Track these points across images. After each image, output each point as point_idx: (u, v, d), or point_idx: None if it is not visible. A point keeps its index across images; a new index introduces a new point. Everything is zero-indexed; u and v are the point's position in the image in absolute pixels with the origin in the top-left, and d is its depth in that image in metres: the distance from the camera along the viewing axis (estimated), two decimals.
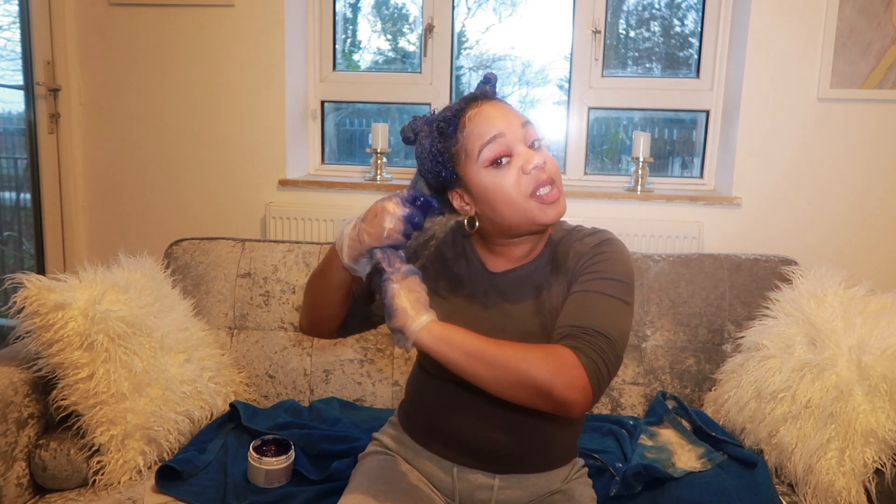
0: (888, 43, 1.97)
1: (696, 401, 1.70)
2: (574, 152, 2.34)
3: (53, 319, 1.33)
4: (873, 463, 1.30)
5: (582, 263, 1.02)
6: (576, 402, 0.88)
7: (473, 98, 1.02)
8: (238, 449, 1.44)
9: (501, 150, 0.97)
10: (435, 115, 1.03)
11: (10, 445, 1.32)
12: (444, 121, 1.00)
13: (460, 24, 2.45)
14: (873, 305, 1.47)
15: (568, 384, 0.87)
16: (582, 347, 0.90)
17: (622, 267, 1.00)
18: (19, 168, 2.41)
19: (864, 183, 2.04)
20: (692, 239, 2.07)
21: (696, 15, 2.29)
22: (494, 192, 0.98)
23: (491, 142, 0.97)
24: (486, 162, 0.98)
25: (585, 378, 0.88)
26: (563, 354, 0.89)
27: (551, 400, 0.88)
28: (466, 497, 1.12)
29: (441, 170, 1.01)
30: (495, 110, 1.00)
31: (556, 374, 0.87)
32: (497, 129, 0.98)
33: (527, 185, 0.97)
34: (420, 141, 1.03)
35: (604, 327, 0.93)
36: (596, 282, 0.98)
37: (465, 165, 0.99)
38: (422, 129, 1.03)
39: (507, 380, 0.89)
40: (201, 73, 2.24)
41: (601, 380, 0.90)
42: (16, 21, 2.24)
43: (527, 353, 0.89)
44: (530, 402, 0.90)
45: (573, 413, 0.89)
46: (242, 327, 1.79)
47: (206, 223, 2.30)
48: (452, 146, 0.99)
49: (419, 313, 0.91)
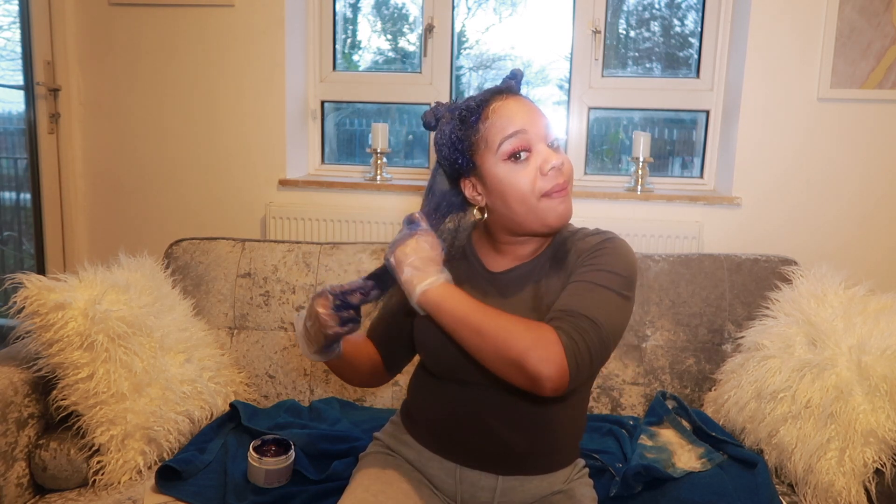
0: (888, 43, 1.97)
1: (696, 401, 1.70)
2: (574, 152, 2.34)
3: (53, 319, 1.33)
4: (873, 463, 1.30)
5: (582, 258, 1.02)
6: (548, 377, 0.86)
7: (499, 91, 1.03)
8: (238, 449, 1.44)
9: (521, 145, 0.98)
10: (458, 103, 1.04)
11: (10, 445, 1.32)
12: (468, 109, 1.01)
13: (460, 24, 2.45)
14: (873, 305, 1.47)
15: (543, 358, 0.86)
16: (564, 327, 0.90)
17: (622, 261, 1.00)
18: (19, 168, 2.41)
19: (864, 183, 2.04)
20: (692, 239, 2.07)
21: (696, 15, 2.29)
22: (509, 187, 0.99)
23: (512, 136, 0.98)
24: (504, 155, 0.98)
25: (562, 355, 0.87)
26: (544, 330, 0.90)
27: (523, 372, 0.87)
28: (468, 498, 1.12)
29: (458, 157, 1.02)
30: (520, 106, 1.01)
31: (532, 347, 0.87)
32: (520, 125, 0.99)
33: (542, 186, 0.98)
34: (441, 127, 1.04)
35: (590, 312, 0.92)
36: (592, 272, 0.98)
37: (484, 155, 1.00)
38: (444, 115, 1.04)
39: (487, 348, 0.90)
40: (201, 73, 2.24)
41: (580, 360, 0.88)
42: (16, 21, 2.24)
43: (510, 324, 0.90)
44: (505, 372, 0.90)
45: (544, 390, 0.87)
46: (242, 327, 1.79)
47: (206, 223, 2.30)
48: (473, 135, 1.00)
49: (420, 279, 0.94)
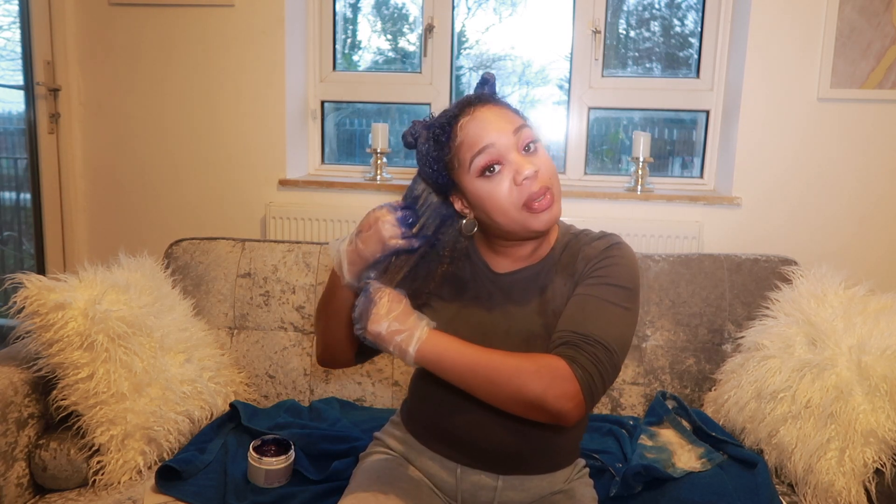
0: (888, 43, 1.97)
1: (696, 401, 1.70)
2: (574, 152, 2.34)
3: (53, 319, 1.33)
4: (873, 463, 1.30)
5: (589, 267, 1.02)
6: (569, 412, 0.90)
7: (468, 103, 1.01)
8: (238, 449, 1.44)
9: (491, 160, 0.96)
10: (433, 120, 1.02)
11: (10, 445, 1.32)
12: (440, 127, 1.00)
13: (460, 24, 2.45)
14: (873, 305, 1.47)
15: (560, 395, 0.89)
16: (578, 358, 0.91)
17: (628, 273, 1.01)
18: (19, 168, 2.41)
19: (864, 183, 2.04)
20: (692, 239, 2.07)
21: (696, 15, 2.29)
22: (487, 201, 0.98)
23: (481, 152, 0.96)
24: (477, 172, 0.97)
25: (578, 389, 0.90)
26: (557, 367, 0.90)
27: (545, 412, 0.90)
28: (469, 497, 1.12)
29: (438, 177, 1.01)
30: (488, 115, 0.98)
31: (549, 387, 0.89)
32: (487, 140, 0.96)
33: (518, 196, 0.96)
34: (419, 147, 1.03)
35: (603, 336, 0.93)
36: (600, 287, 0.99)
37: (459, 174, 0.99)
38: (420, 133, 1.03)
39: (501, 394, 0.91)
40: (201, 73, 2.24)
41: (595, 391, 0.91)
42: (16, 21, 2.24)
43: (520, 366, 0.91)
44: (525, 413, 0.92)
45: (568, 422, 0.91)
46: (242, 327, 1.79)
47: (206, 223, 2.30)
48: (446, 155, 0.99)
49: (410, 338, 0.92)
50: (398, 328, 0.93)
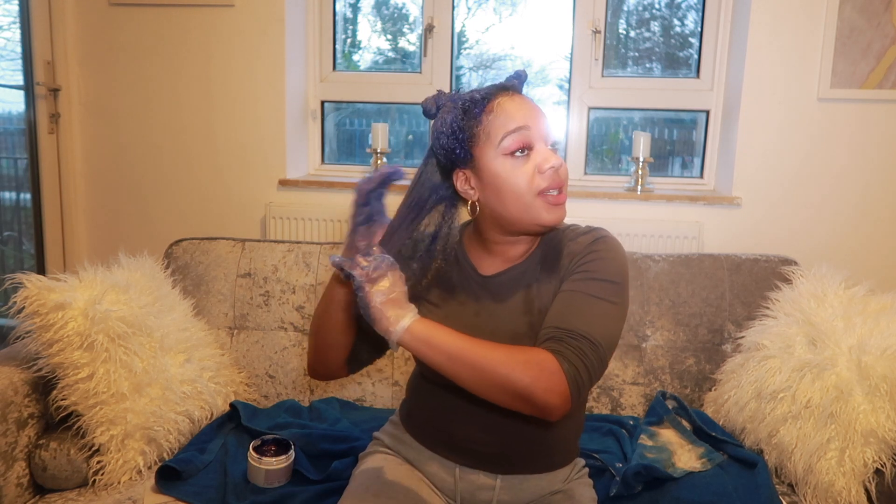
0: (888, 43, 1.97)
1: (696, 401, 1.70)
2: (574, 152, 2.34)
3: (53, 319, 1.33)
4: (873, 463, 1.30)
5: (575, 262, 1.02)
6: (555, 406, 0.89)
7: (503, 87, 1.03)
8: (238, 449, 1.44)
9: (523, 142, 0.98)
10: (462, 94, 1.03)
11: (10, 445, 1.32)
12: (472, 101, 1.00)
13: (460, 24, 2.45)
14: (873, 305, 1.47)
15: (548, 389, 0.88)
16: (564, 352, 0.91)
17: (615, 267, 1.00)
18: (19, 168, 2.41)
19: (864, 183, 2.04)
20: (692, 239, 2.07)
21: (696, 15, 2.29)
22: (505, 182, 0.99)
23: (515, 132, 0.98)
24: (505, 150, 0.98)
25: (565, 383, 0.89)
26: (544, 360, 0.90)
27: (531, 404, 0.89)
28: (468, 497, 1.12)
29: (457, 147, 1.00)
30: (524, 104, 1.01)
31: (536, 380, 0.88)
32: (523, 122, 0.98)
33: (539, 183, 0.98)
34: (441, 115, 1.03)
35: (589, 331, 0.93)
36: (587, 282, 0.98)
37: (483, 148, 0.99)
38: (445, 104, 1.03)
39: (488, 383, 0.90)
40: (201, 73, 2.24)
41: (581, 385, 0.91)
42: (16, 21, 2.24)
43: (508, 357, 0.90)
44: (510, 404, 0.91)
45: (552, 416, 0.91)
46: (242, 327, 1.79)
47: (206, 223, 2.30)
48: (475, 126, 0.99)
49: (398, 316, 0.91)
50: (396, 299, 0.92)
